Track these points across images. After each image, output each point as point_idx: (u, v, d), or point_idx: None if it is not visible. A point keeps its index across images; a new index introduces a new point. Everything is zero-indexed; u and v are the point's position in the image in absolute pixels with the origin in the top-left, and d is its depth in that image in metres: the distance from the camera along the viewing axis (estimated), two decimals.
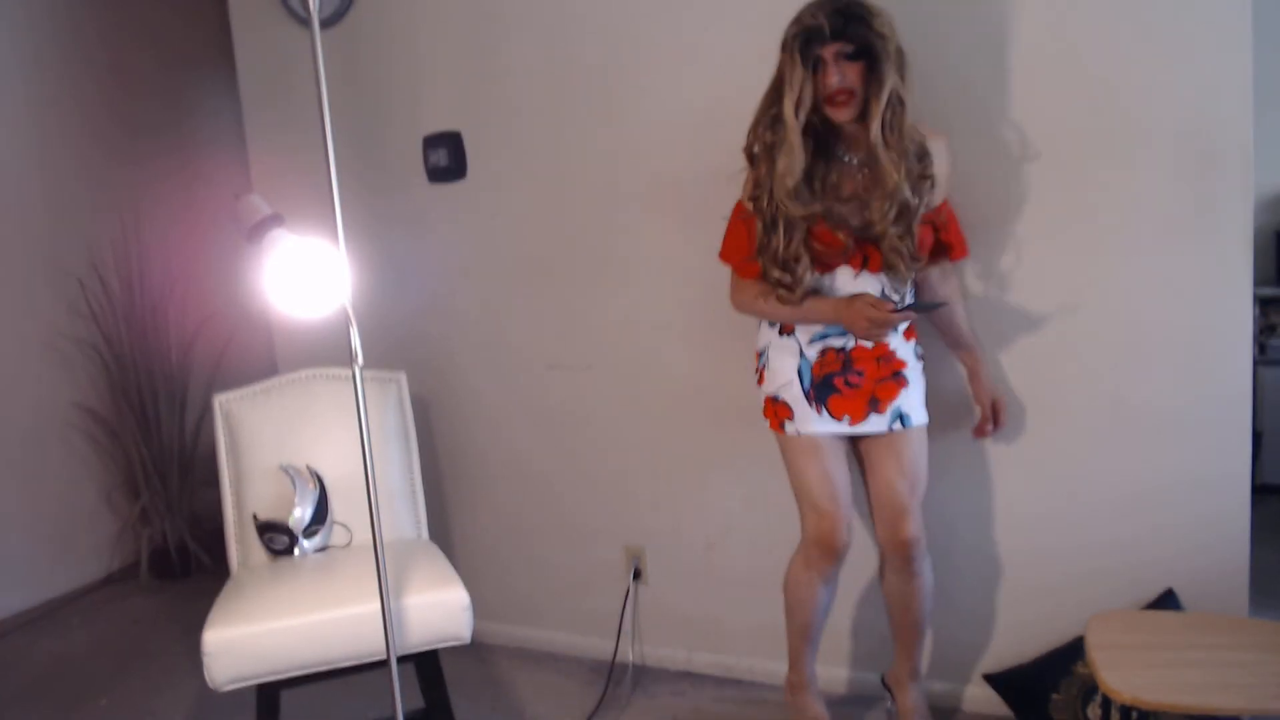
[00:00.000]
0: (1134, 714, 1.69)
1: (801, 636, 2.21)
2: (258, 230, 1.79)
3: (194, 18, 4.05)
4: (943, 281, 2.14)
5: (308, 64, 1.78)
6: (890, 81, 1.84)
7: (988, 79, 2.15)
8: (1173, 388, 2.10)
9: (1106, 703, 1.69)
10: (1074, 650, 2.15)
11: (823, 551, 2.09)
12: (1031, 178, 2.15)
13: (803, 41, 1.85)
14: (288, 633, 1.93)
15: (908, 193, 1.89)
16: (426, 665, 2.08)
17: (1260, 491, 2.44)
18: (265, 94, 3.02)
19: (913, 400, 2.07)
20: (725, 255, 2.13)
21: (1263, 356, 3.56)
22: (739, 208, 2.08)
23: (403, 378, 2.50)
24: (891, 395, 2.04)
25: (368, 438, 1.76)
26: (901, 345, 2.06)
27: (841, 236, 1.95)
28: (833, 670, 2.52)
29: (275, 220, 1.81)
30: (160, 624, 3.30)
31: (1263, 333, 3.61)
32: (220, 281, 3.63)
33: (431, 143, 2.76)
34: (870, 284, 2.00)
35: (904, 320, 1.97)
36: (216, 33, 3.54)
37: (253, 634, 1.92)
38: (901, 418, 2.06)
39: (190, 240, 3.82)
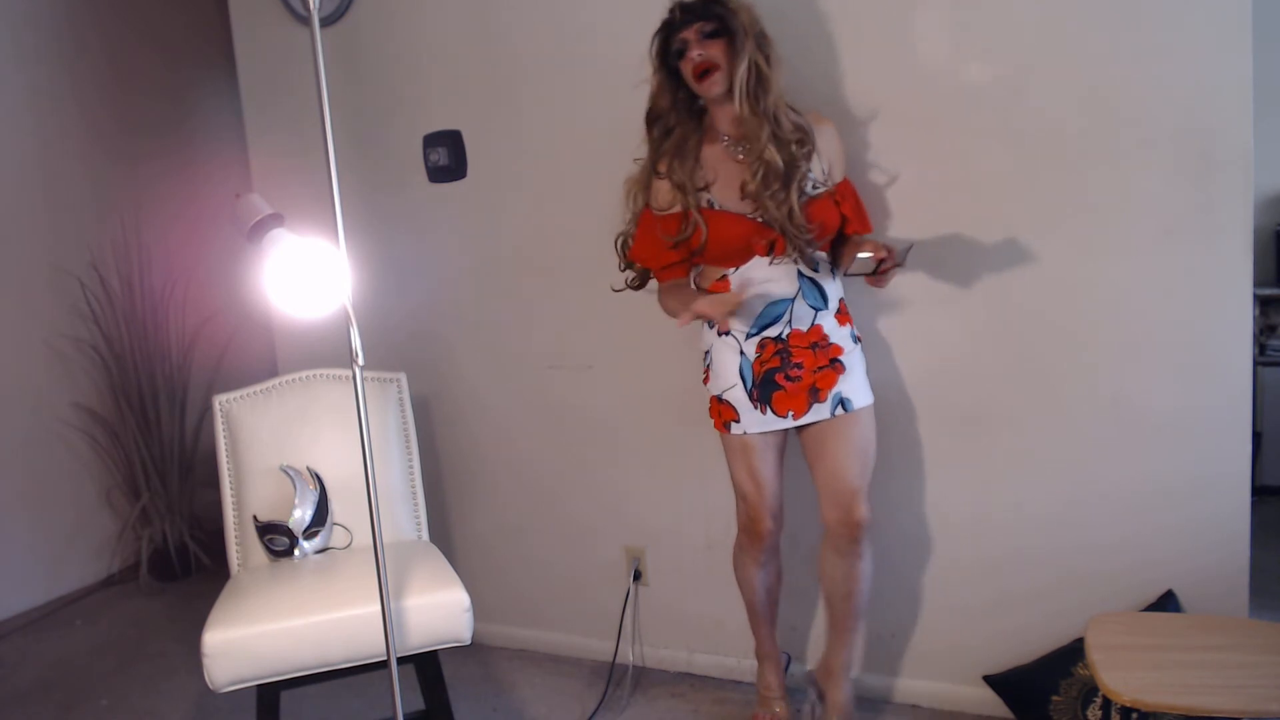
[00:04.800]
0: (1134, 715, 1.69)
1: (750, 613, 2.35)
2: (258, 230, 1.79)
3: (194, 16, 4.05)
4: (857, 246, 2.12)
5: (308, 62, 1.78)
6: (748, 53, 1.96)
7: (988, 79, 2.15)
8: (1172, 388, 2.10)
9: (1107, 704, 1.69)
10: (1074, 651, 2.15)
11: (750, 537, 2.24)
12: (1031, 177, 2.15)
13: (662, 39, 2.04)
14: (288, 634, 1.93)
15: (775, 156, 1.97)
16: (427, 666, 2.08)
17: (1260, 493, 2.45)
18: (265, 92, 3.02)
19: (853, 384, 2.11)
20: (638, 256, 2.21)
21: (1263, 357, 3.56)
22: (646, 213, 2.17)
23: (403, 378, 2.50)
24: (830, 383, 2.09)
25: (368, 439, 1.76)
26: (836, 330, 2.10)
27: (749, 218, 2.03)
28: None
29: (275, 219, 1.81)
30: (160, 625, 3.30)
31: (1262, 333, 3.61)
32: (221, 281, 3.63)
33: (431, 141, 2.76)
34: (785, 269, 2.05)
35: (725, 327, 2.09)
36: (217, 31, 3.55)
37: (253, 635, 1.92)
38: (843, 403, 2.10)
39: (191, 240, 3.81)
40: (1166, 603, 2.12)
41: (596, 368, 2.69)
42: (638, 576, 2.73)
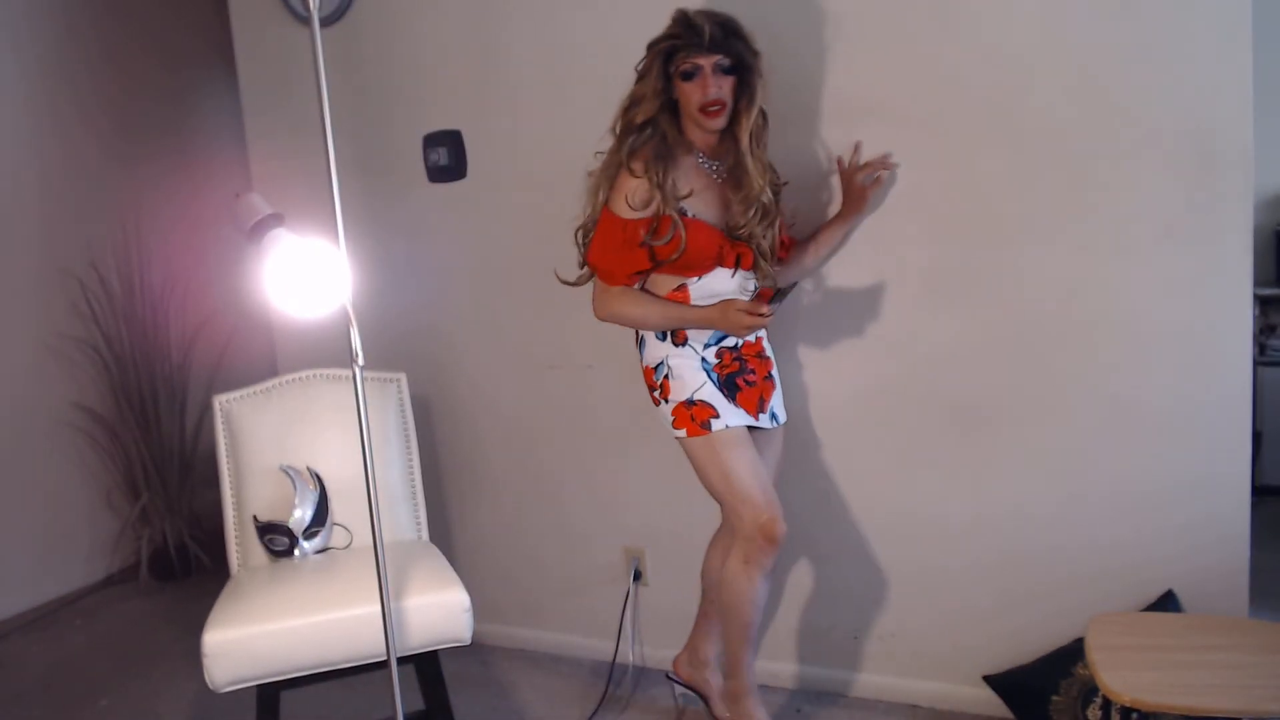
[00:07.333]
0: (1134, 715, 1.69)
1: (744, 638, 2.13)
2: (258, 230, 1.79)
3: (193, 16, 4.05)
4: (786, 269, 2.25)
5: (308, 62, 1.78)
6: (760, 100, 1.99)
7: (988, 79, 2.15)
8: (1172, 388, 2.10)
9: (1107, 704, 1.69)
10: (1074, 651, 2.15)
11: (765, 543, 2.05)
12: (1031, 177, 2.15)
13: (673, 49, 1.96)
14: (288, 634, 1.93)
15: (769, 196, 2.03)
16: (427, 666, 2.08)
17: (1260, 492, 2.44)
18: (265, 92, 3.02)
19: (779, 399, 2.22)
20: (601, 260, 2.07)
21: (1262, 357, 3.56)
22: (610, 215, 2.04)
23: (403, 378, 2.50)
24: (770, 395, 2.18)
25: (368, 439, 1.76)
26: (767, 344, 2.21)
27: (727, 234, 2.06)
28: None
29: (275, 219, 1.81)
30: (160, 625, 3.30)
31: (1262, 333, 3.61)
32: (220, 281, 3.63)
33: (431, 141, 2.76)
34: (741, 281, 2.09)
35: (773, 315, 1.99)
36: (216, 31, 3.54)
37: (253, 635, 1.92)
38: (774, 416, 2.19)
39: (191, 240, 3.81)
40: (1166, 603, 2.12)
41: (596, 368, 2.69)
42: (638, 577, 2.72)
